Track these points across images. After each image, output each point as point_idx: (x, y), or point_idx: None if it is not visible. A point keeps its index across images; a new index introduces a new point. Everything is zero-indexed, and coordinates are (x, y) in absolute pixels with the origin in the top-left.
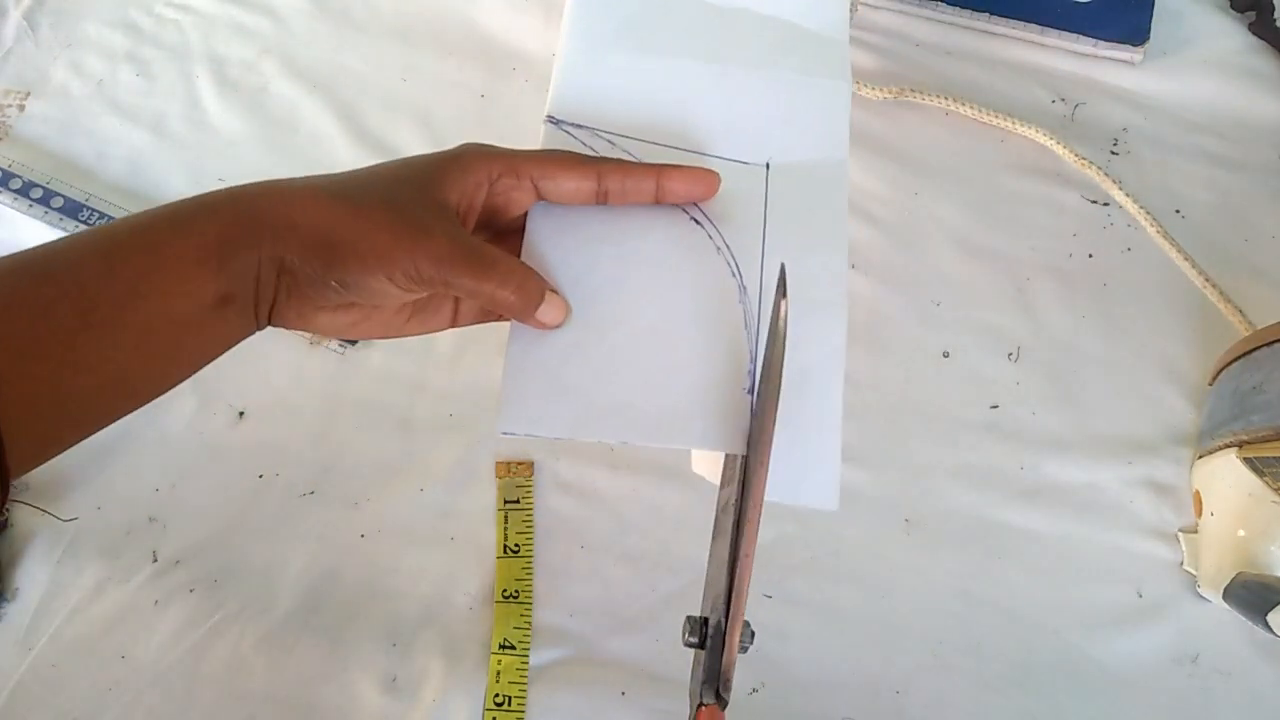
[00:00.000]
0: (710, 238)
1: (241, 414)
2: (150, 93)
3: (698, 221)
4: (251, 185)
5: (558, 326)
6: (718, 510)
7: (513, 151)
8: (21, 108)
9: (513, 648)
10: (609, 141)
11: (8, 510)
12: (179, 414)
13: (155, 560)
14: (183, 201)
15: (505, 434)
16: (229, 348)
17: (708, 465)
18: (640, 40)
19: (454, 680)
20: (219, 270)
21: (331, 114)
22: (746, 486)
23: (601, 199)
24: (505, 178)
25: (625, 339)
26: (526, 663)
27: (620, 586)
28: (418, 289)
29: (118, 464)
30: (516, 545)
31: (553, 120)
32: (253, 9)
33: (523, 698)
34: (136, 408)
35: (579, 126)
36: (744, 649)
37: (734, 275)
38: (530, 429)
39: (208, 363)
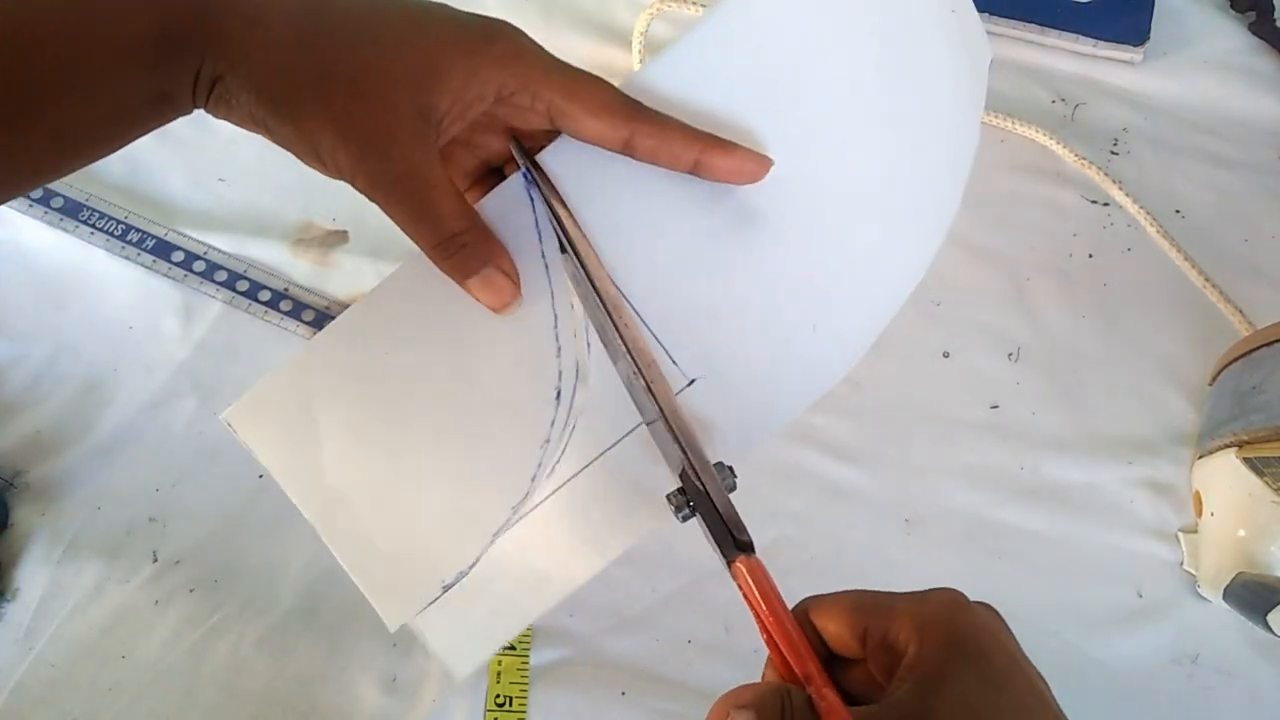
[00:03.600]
0: (552, 423)
1: None
2: None
3: (558, 397)
4: None
5: (499, 311)
6: (630, 392)
7: (542, 65)
8: None
9: (512, 648)
10: (564, 247)
11: (8, 510)
12: (179, 414)
13: (155, 560)
14: None
15: (224, 420)
16: (154, 130)
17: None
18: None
19: (454, 680)
20: (153, 68)
21: None
22: (631, 355)
23: (627, 151)
24: (519, 95)
25: (407, 442)
26: (527, 663)
27: (620, 586)
28: (345, 182)
29: (118, 464)
30: None
31: (526, 176)
32: None
33: (524, 698)
34: (43, 185)
35: (544, 200)
36: (732, 487)
37: (535, 474)
38: (250, 440)
39: (130, 142)
